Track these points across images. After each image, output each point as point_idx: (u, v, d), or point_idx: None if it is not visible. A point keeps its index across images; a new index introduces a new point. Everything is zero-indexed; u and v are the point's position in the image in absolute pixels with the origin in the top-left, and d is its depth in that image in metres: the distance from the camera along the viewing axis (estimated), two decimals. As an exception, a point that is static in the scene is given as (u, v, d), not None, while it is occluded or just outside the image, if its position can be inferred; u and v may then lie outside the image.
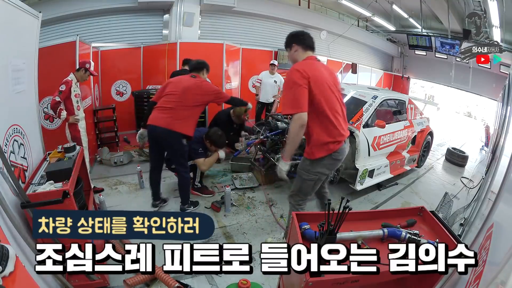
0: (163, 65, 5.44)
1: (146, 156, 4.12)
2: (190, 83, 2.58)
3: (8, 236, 1.23)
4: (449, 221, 3.03)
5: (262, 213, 2.99)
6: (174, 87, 2.57)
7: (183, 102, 2.51)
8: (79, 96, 2.96)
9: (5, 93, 1.63)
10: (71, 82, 2.79)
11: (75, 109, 2.88)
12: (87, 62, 2.96)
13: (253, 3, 6.51)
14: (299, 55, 1.95)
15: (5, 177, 1.34)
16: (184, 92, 2.52)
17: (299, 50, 1.94)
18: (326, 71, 1.98)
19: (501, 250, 0.90)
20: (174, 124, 2.48)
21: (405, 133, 3.92)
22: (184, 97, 2.51)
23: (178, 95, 2.52)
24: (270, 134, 3.39)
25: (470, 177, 4.55)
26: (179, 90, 2.53)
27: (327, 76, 1.91)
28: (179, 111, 2.50)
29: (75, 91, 2.86)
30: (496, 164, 2.36)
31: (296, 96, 1.76)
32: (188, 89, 2.53)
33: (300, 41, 1.95)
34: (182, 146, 2.62)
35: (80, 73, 2.92)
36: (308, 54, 1.96)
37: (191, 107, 2.55)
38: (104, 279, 1.87)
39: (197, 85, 2.57)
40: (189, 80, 2.61)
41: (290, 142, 1.87)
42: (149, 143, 2.73)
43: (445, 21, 8.02)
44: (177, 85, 2.59)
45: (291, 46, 1.97)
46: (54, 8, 4.76)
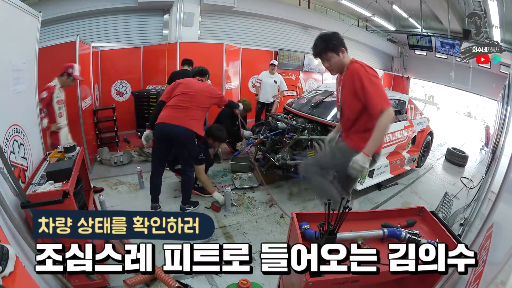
0: (163, 65, 5.44)
1: (146, 156, 4.12)
2: (202, 85, 2.70)
3: (8, 236, 1.23)
4: (449, 221, 3.03)
5: (262, 213, 2.99)
6: (187, 87, 2.63)
7: (197, 103, 2.60)
8: (62, 103, 2.83)
9: (5, 93, 1.63)
10: (54, 88, 2.68)
11: (57, 116, 2.75)
12: (69, 67, 2.80)
13: (253, 3, 6.51)
14: (346, 60, 1.85)
15: (5, 177, 1.34)
16: (198, 93, 2.61)
17: (345, 54, 1.85)
18: None
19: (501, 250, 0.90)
20: (191, 123, 2.55)
21: (405, 133, 3.92)
22: (198, 98, 2.60)
23: (193, 95, 2.59)
24: (270, 134, 3.39)
25: (470, 177, 4.55)
26: (193, 91, 2.61)
27: None
28: (193, 111, 2.58)
29: (57, 97, 2.74)
30: (496, 164, 2.36)
31: (383, 90, 1.74)
32: (201, 91, 2.64)
33: (344, 45, 1.86)
34: (195, 145, 2.72)
35: (63, 78, 2.78)
36: (349, 57, 1.90)
37: (203, 108, 2.65)
38: (104, 279, 1.87)
39: (208, 88, 2.72)
40: (199, 83, 2.72)
41: (379, 135, 1.72)
42: (154, 143, 2.71)
43: (445, 21, 8.01)
44: (189, 86, 2.65)
45: (339, 50, 1.81)
46: (54, 8, 4.76)
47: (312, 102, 3.80)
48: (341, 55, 1.83)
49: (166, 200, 3.08)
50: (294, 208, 3.14)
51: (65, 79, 2.79)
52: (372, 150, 1.72)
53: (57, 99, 2.73)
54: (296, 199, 3.34)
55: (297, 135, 3.24)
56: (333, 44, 1.80)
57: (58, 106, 2.76)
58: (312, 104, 3.73)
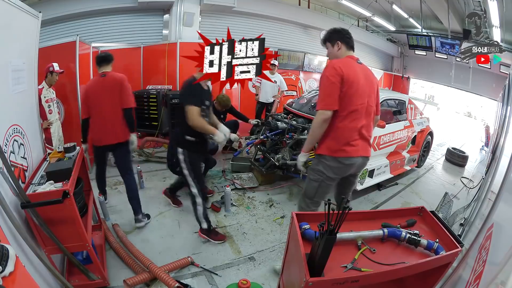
0: (163, 65, 5.44)
1: (146, 156, 4.12)
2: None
3: (8, 236, 1.23)
4: (449, 221, 3.02)
5: (262, 213, 2.99)
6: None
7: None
8: (51, 101, 3.21)
9: (5, 93, 1.63)
10: (41, 90, 2.98)
11: (47, 113, 3.15)
12: (49, 66, 3.13)
13: (253, 3, 6.51)
14: (342, 54, 1.88)
15: (5, 177, 1.33)
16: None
17: (342, 49, 1.87)
18: (364, 74, 1.85)
19: (501, 250, 0.90)
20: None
21: (405, 133, 3.92)
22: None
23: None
24: (270, 134, 3.39)
25: (470, 177, 4.55)
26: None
27: (362, 79, 1.81)
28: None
29: (46, 97, 3.11)
30: (496, 164, 2.36)
31: (326, 92, 1.75)
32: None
33: (345, 40, 1.88)
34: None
35: (48, 77, 3.14)
36: (349, 53, 1.90)
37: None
38: (104, 279, 1.87)
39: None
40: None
41: (310, 134, 1.88)
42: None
43: (445, 21, 8.01)
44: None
45: (335, 42, 1.88)
46: (54, 8, 4.77)
47: (312, 102, 3.80)
48: (336, 48, 1.88)
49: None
50: (294, 208, 3.13)
51: (50, 78, 3.15)
52: (306, 147, 1.95)
53: (45, 98, 3.10)
54: (296, 199, 3.34)
55: (297, 135, 3.24)
56: (331, 36, 1.90)
57: (48, 104, 3.15)
58: (312, 104, 3.73)
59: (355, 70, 1.79)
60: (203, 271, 2.11)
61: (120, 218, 2.73)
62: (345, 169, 1.87)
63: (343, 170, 1.87)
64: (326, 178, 1.87)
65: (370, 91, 1.87)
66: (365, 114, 1.84)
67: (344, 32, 1.89)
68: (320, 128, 1.79)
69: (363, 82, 1.81)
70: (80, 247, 1.69)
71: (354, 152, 1.82)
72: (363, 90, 1.80)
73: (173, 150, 2.74)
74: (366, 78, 1.85)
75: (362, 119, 1.82)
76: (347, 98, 1.75)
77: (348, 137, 1.81)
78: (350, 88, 1.74)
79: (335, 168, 1.85)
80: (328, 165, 1.85)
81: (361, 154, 1.86)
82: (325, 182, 1.89)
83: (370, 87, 1.87)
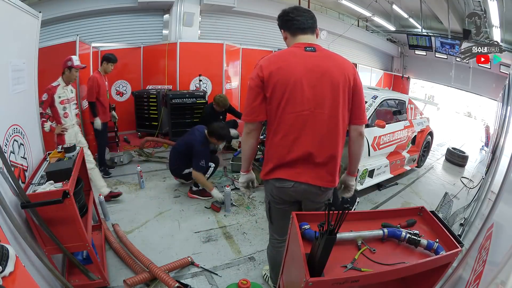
0: (163, 65, 5.45)
1: (146, 156, 4.12)
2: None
3: (8, 236, 1.23)
4: (449, 221, 3.02)
5: (262, 213, 2.99)
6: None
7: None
8: (68, 102, 2.69)
9: (5, 93, 1.63)
10: (55, 88, 2.58)
11: (61, 117, 2.65)
12: (68, 60, 2.66)
13: (253, 3, 6.51)
14: (289, 43, 1.45)
15: (5, 177, 1.34)
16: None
17: (288, 37, 1.45)
18: (316, 68, 1.32)
19: (501, 250, 0.90)
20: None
21: (405, 133, 3.92)
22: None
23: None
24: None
25: (470, 177, 4.55)
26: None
27: (306, 76, 1.31)
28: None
29: (61, 97, 2.61)
30: (496, 164, 2.36)
31: (248, 101, 1.40)
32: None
33: (285, 25, 1.44)
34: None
35: (66, 74, 2.66)
36: (297, 40, 1.41)
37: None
38: (104, 279, 1.87)
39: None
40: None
41: (241, 151, 1.55)
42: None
43: (445, 21, 8.02)
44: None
45: (282, 32, 1.50)
46: (54, 8, 4.76)
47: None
48: (284, 39, 1.51)
49: (167, 200, 3.08)
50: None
51: (68, 74, 2.67)
52: (242, 166, 1.58)
53: (60, 99, 2.62)
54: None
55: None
56: (279, 26, 1.50)
57: (62, 106, 2.64)
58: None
59: (289, 65, 1.32)
60: (203, 271, 2.11)
61: (120, 218, 2.73)
62: (284, 192, 1.44)
63: (283, 192, 1.44)
64: (272, 200, 1.53)
65: (325, 92, 1.32)
66: (313, 125, 1.33)
67: (283, 15, 1.44)
68: (246, 143, 1.47)
69: (310, 80, 1.31)
70: (80, 247, 1.69)
71: (291, 176, 1.39)
72: (309, 92, 1.31)
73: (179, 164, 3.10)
74: (320, 74, 1.32)
75: (303, 133, 1.34)
76: (274, 104, 1.34)
77: (280, 157, 1.39)
78: (276, 92, 1.32)
79: (274, 189, 1.47)
80: (266, 187, 1.53)
81: (305, 181, 1.38)
82: (272, 204, 1.54)
83: (325, 87, 1.32)
